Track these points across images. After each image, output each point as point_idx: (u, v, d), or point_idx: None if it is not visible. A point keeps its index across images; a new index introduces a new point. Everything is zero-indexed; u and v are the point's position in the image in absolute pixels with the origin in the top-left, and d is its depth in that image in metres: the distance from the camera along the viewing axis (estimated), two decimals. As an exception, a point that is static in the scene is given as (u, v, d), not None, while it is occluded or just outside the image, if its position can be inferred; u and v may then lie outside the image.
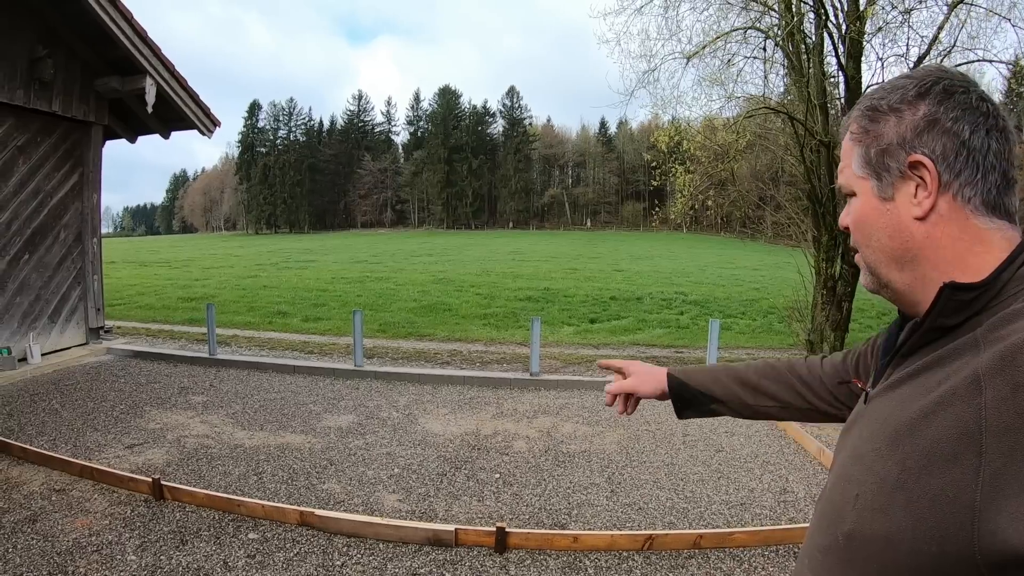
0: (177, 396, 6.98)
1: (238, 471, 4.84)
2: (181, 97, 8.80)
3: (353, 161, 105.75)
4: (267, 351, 10.09)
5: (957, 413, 0.65)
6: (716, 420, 6.61)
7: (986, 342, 0.68)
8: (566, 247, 47.36)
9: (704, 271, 29.20)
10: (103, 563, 3.34)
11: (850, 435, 0.86)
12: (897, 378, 0.79)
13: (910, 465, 0.67)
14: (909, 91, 0.80)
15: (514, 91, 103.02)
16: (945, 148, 0.76)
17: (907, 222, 0.79)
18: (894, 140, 0.79)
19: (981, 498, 0.59)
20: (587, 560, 3.63)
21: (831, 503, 0.81)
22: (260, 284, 19.60)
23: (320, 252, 38.54)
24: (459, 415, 6.59)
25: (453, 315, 15.27)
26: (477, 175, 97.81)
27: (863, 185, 0.84)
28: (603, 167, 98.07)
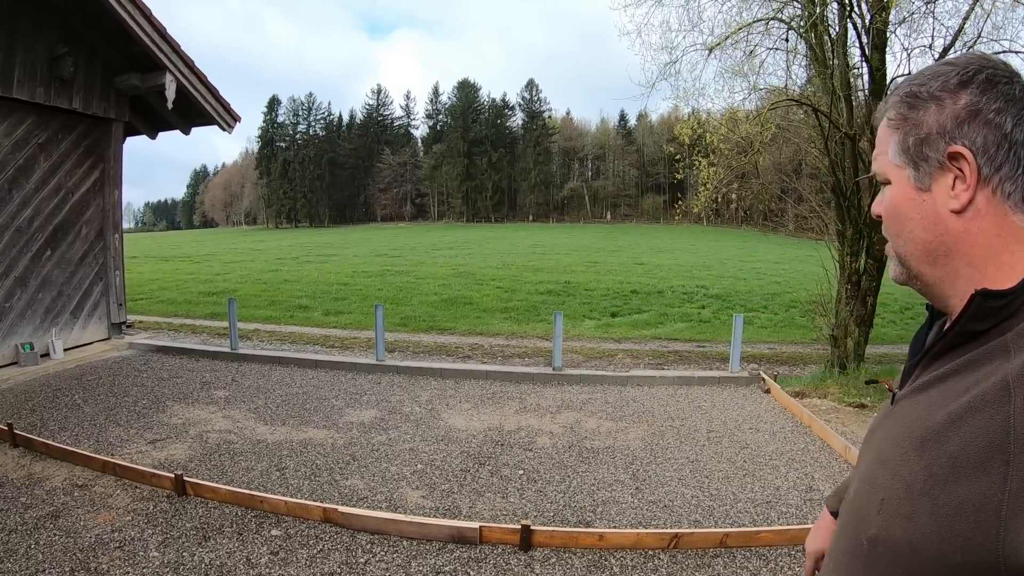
0: (199, 391, 7.05)
1: (260, 467, 4.88)
2: (201, 93, 8.85)
3: (373, 155, 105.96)
4: (288, 345, 10.17)
5: (986, 420, 0.63)
6: (740, 415, 6.56)
7: (1017, 348, 0.66)
8: (587, 240, 47.22)
9: (725, 264, 28.95)
10: (125, 560, 3.38)
11: (876, 436, 0.85)
12: (925, 381, 0.77)
13: (936, 472, 0.66)
14: (951, 79, 0.76)
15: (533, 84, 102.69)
16: (986, 140, 0.73)
17: (943, 215, 0.76)
18: (934, 129, 0.77)
19: (1008, 509, 0.58)
20: (612, 559, 3.61)
21: (856, 507, 0.80)
22: (281, 278, 19.75)
23: (340, 246, 38.75)
24: (482, 410, 6.59)
25: (474, 309, 15.29)
26: (497, 168, 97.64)
27: (899, 173, 0.81)
28: (623, 160, 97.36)
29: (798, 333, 13.52)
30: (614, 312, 15.58)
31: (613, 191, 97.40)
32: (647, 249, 39.04)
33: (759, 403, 7.07)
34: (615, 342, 12.03)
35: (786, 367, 9.68)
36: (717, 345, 12.04)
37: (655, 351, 11.19)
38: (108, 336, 9.37)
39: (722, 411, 6.72)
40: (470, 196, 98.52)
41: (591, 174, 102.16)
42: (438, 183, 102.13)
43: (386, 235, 57.92)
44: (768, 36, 8.28)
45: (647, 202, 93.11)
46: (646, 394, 7.41)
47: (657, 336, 12.85)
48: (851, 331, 8.18)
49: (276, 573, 3.28)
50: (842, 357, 8.24)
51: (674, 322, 14.44)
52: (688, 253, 36.51)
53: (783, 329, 13.82)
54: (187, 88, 8.59)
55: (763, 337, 12.71)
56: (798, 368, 9.83)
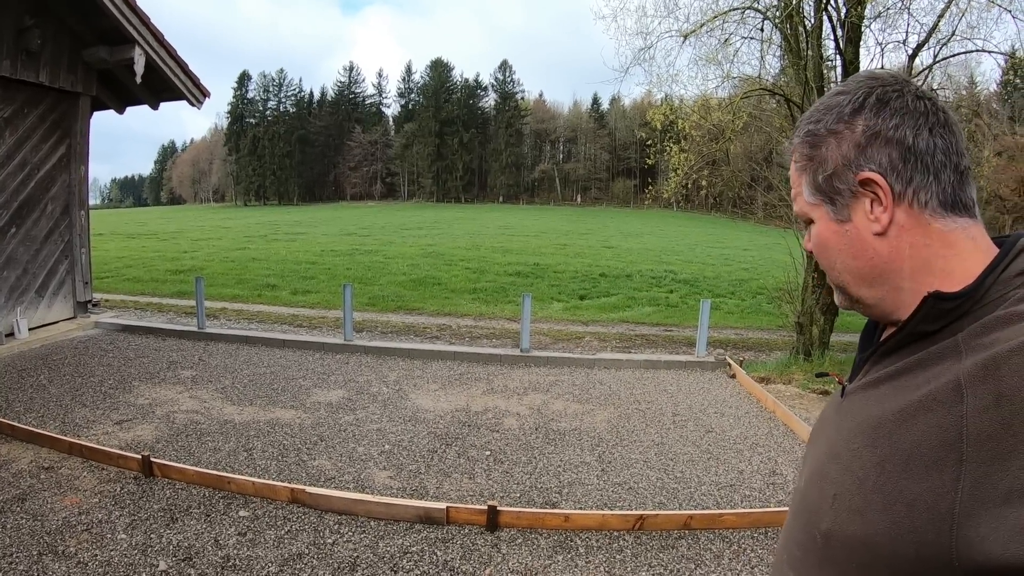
0: (166, 371, 6.91)
1: (228, 447, 4.81)
2: (170, 67, 8.59)
3: (343, 133, 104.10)
4: (256, 324, 10.03)
5: (938, 419, 0.64)
6: (705, 399, 6.66)
7: (968, 348, 0.67)
8: (556, 223, 47.27)
9: (694, 250, 29.24)
10: (93, 542, 3.31)
11: (826, 429, 0.85)
12: (875, 377, 0.78)
13: (888, 468, 0.67)
14: (844, 108, 0.78)
15: (507, 65, 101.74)
16: (892, 158, 0.75)
17: (868, 240, 0.78)
18: (839, 162, 0.78)
19: (961, 506, 0.59)
20: (578, 539, 3.64)
21: (808, 499, 0.81)
22: (249, 256, 19.44)
23: (309, 224, 38.25)
24: (449, 391, 6.59)
25: (443, 289, 15.24)
26: (468, 149, 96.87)
27: (818, 211, 0.82)
28: (594, 143, 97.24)
29: (765, 320, 13.75)
30: (582, 295, 15.66)
31: (584, 174, 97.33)
32: (616, 233, 39.24)
33: (724, 388, 7.18)
34: (583, 325, 12.11)
35: (752, 353, 9.84)
36: (684, 330, 12.18)
37: (622, 334, 11.29)
38: (74, 315, 9.11)
39: (688, 395, 6.82)
40: (440, 176, 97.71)
41: (562, 157, 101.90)
42: (409, 163, 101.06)
43: (355, 214, 57.31)
44: (743, 25, 8.32)
45: (617, 186, 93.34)
46: (613, 377, 7.47)
47: (625, 319, 12.96)
48: (816, 319, 8.34)
49: (244, 554, 3.24)
50: (807, 344, 8.40)
51: (642, 306, 14.57)
52: (657, 238, 36.80)
53: (750, 315, 14.04)
54: (156, 62, 8.32)
55: (730, 323, 12.90)
56: (764, 354, 10.00)
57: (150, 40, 8.11)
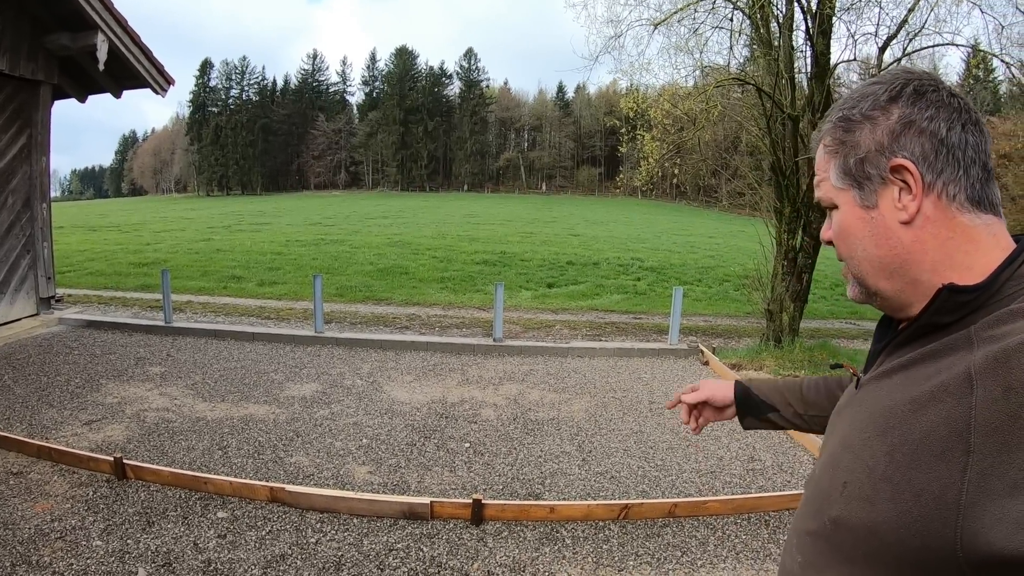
0: (134, 367, 6.65)
1: (202, 446, 4.65)
2: (134, 54, 8.25)
3: (307, 121, 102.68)
4: (223, 317, 9.79)
5: (948, 409, 0.65)
6: (681, 387, 6.68)
7: (980, 340, 0.68)
8: (522, 211, 47.27)
9: (660, 238, 29.49)
10: (68, 550, 3.14)
11: (841, 420, 0.87)
12: (889, 367, 0.79)
13: (898, 457, 0.68)
14: (880, 96, 0.79)
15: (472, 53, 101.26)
16: (924, 148, 0.76)
17: (893, 228, 0.78)
18: (872, 147, 0.79)
19: (967, 497, 0.60)
20: (564, 530, 3.62)
21: (820, 487, 0.82)
22: (213, 248, 18.97)
23: (273, 214, 37.54)
24: (424, 382, 6.50)
25: (410, 279, 15.11)
26: (432, 137, 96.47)
27: (844, 196, 0.83)
28: (559, 131, 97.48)
29: (732, 306, 13.93)
30: (550, 283, 15.68)
31: (549, 162, 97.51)
32: (582, 221, 39.35)
33: (699, 375, 7.24)
34: (552, 313, 12.11)
35: (721, 339, 9.94)
36: (653, 317, 12.27)
37: (592, 322, 11.32)
38: (37, 312, 8.73)
39: (663, 382, 6.85)
40: (405, 165, 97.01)
41: (527, 145, 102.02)
42: (373, 151, 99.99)
43: (320, 203, 56.51)
44: (714, 15, 8.33)
45: (582, 174, 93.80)
46: (587, 365, 7.47)
47: (594, 307, 13.00)
48: (786, 306, 8.44)
49: (225, 557, 3.12)
50: (777, 331, 8.51)
51: (610, 293, 14.64)
52: (623, 225, 37.02)
53: (718, 302, 14.21)
54: (120, 49, 7.98)
55: (698, 310, 13.03)
56: (733, 341, 10.12)
57: (113, 26, 7.78)
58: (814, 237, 8.28)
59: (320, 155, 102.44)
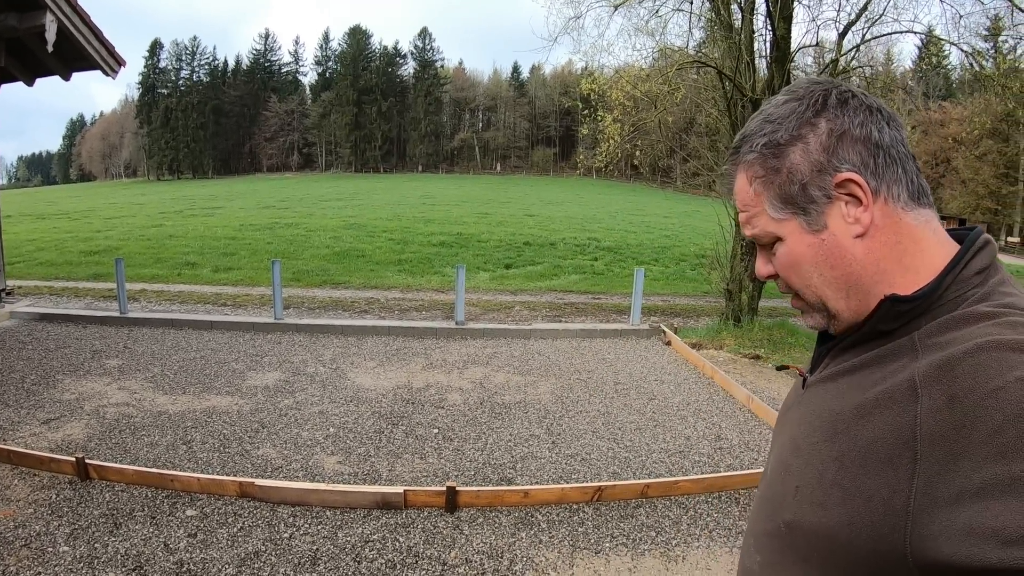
0: (90, 361, 6.36)
1: (165, 441, 4.47)
2: (84, 34, 7.78)
3: (259, 103, 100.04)
4: (178, 305, 9.48)
5: (894, 417, 0.65)
6: (644, 367, 6.76)
7: (924, 347, 0.68)
8: (476, 192, 47.07)
9: (615, 217, 29.71)
10: (34, 558, 2.97)
11: (789, 420, 0.86)
12: (835, 371, 0.79)
13: (846, 463, 0.68)
14: (804, 112, 0.76)
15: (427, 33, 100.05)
16: (863, 156, 0.74)
17: (847, 244, 0.75)
18: (810, 168, 0.75)
19: (915, 504, 0.60)
20: (539, 515, 3.61)
21: (773, 489, 0.82)
22: (166, 234, 18.34)
23: (226, 198, 36.51)
24: (388, 368, 6.41)
25: (367, 261, 14.92)
26: (386, 118, 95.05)
27: (788, 226, 0.78)
28: (514, 112, 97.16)
29: (690, 286, 14.14)
30: (508, 264, 15.67)
31: (504, 143, 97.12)
32: (537, 201, 39.40)
33: (661, 355, 7.32)
34: (511, 294, 12.10)
35: (680, 319, 10.08)
36: (612, 297, 12.36)
37: (552, 303, 11.34)
38: (-13, 306, 8.29)
39: (626, 363, 6.90)
40: (359, 146, 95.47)
41: (482, 125, 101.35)
42: (326, 132, 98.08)
43: (273, 186, 55.27)
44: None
45: (537, 154, 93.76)
46: (550, 347, 7.48)
47: (553, 288, 13.04)
48: (745, 286, 8.58)
49: (198, 557, 3.00)
50: (736, 310, 8.66)
51: (568, 274, 14.70)
52: (578, 206, 37.17)
53: (675, 282, 14.40)
54: (69, 29, 7.50)
55: (656, 290, 13.17)
56: (692, 320, 10.27)
57: (62, 5, 7.31)
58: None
59: (272, 137, 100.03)
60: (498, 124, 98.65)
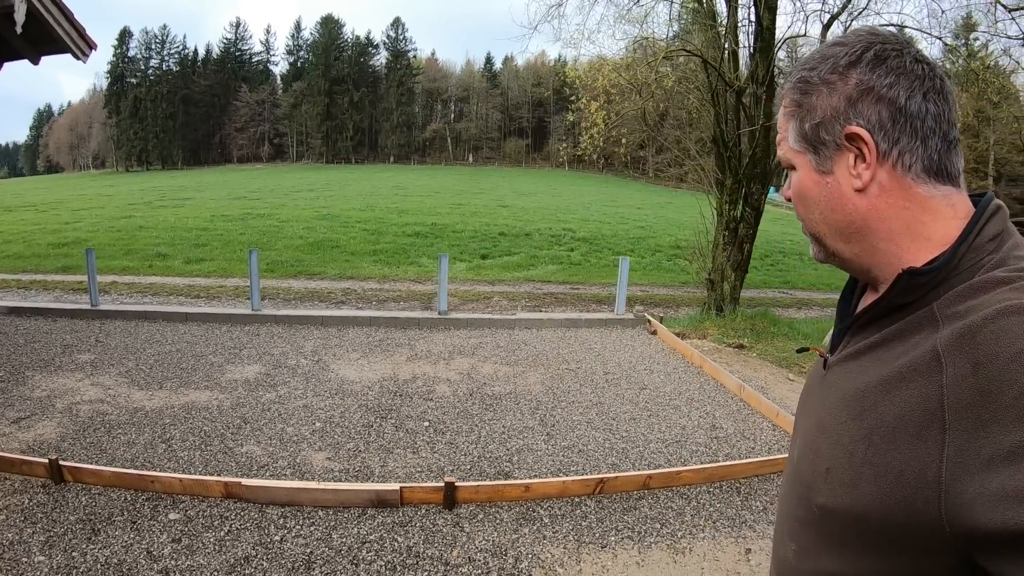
0: (61, 356, 6.02)
1: (143, 439, 4.21)
2: (53, 15, 7.37)
3: (229, 92, 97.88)
4: (151, 297, 9.16)
5: (919, 389, 0.65)
6: (632, 356, 6.67)
7: (944, 317, 0.68)
8: (449, 182, 46.78)
9: (589, 208, 29.70)
10: (8, 570, 2.74)
11: (812, 402, 0.86)
12: (856, 349, 0.78)
13: (875, 440, 0.67)
14: (840, 60, 0.76)
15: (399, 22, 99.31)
16: (881, 116, 0.73)
17: (848, 195, 0.77)
18: (828, 112, 0.77)
19: (947, 474, 0.59)
20: (540, 509, 3.49)
21: (801, 474, 0.81)
22: (136, 225, 17.75)
23: (196, 189, 35.63)
24: (372, 359, 6.23)
25: (342, 252, 14.68)
26: (358, 108, 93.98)
27: (801, 159, 0.81)
28: (487, 103, 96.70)
29: (667, 276, 14.14)
30: (484, 254, 15.55)
31: (476, 134, 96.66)
32: (510, 192, 39.27)
33: (648, 344, 7.24)
34: (489, 284, 11.98)
35: (660, 308, 10.04)
36: (591, 287, 12.30)
37: (531, 293, 11.25)
38: (-46, 301, 7.83)
39: (614, 352, 6.81)
40: (330, 136, 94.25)
41: (454, 116, 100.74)
42: (297, 123, 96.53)
43: (243, 177, 54.26)
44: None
45: (509, 145, 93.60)
46: (535, 337, 7.36)
47: (531, 278, 12.95)
48: (727, 275, 8.55)
49: (184, 564, 2.80)
50: (719, 300, 8.62)
51: (545, 264, 14.62)
52: (551, 196, 37.11)
53: (652, 272, 14.40)
54: (39, 9, 7.10)
55: (634, 280, 13.11)
56: (671, 310, 10.25)
57: None
58: (756, 208, 8.40)
59: (243, 127, 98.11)
60: (470, 115, 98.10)
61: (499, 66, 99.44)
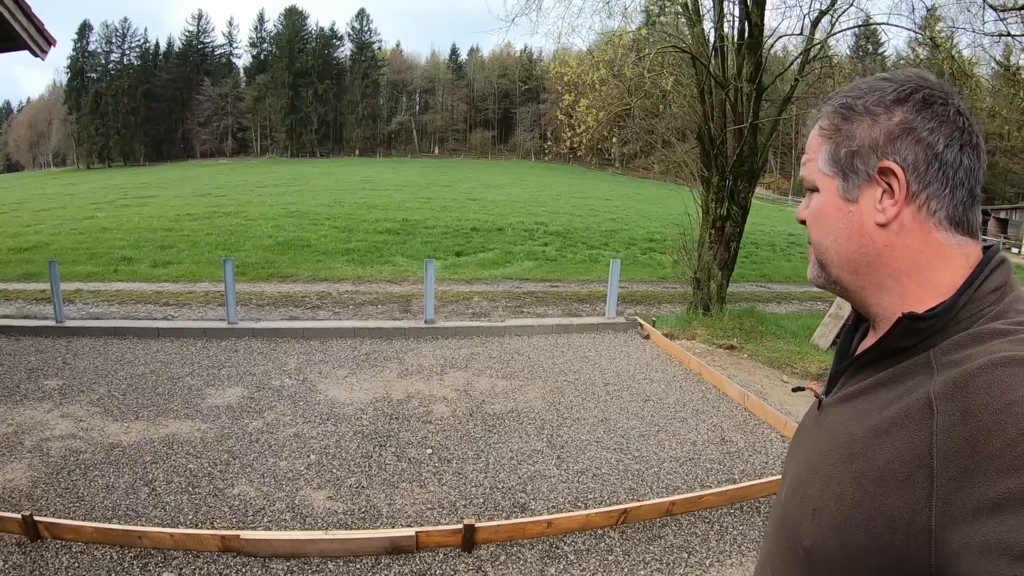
0: (26, 382, 5.54)
1: (123, 483, 3.84)
2: (10, 10, 6.91)
3: (192, 86, 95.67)
4: (118, 306, 8.67)
5: (910, 436, 0.64)
6: (629, 364, 6.51)
7: (939, 365, 0.67)
8: (416, 175, 46.32)
9: (558, 201, 29.62)
10: None
11: (804, 441, 0.86)
12: (851, 391, 0.78)
13: (864, 484, 0.67)
14: (888, 95, 0.76)
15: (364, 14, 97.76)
16: (917, 158, 0.73)
17: (868, 227, 0.76)
18: (866, 142, 0.76)
19: (936, 522, 0.59)
20: (564, 545, 3.30)
21: (788, 514, 0.81)
22: (99, 226, 16.96)
23: (159, 186, 34.52)
24: (361, 376, 5.94)
25: (313, 251, 14.30)
26: (323, 101, 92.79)
27: (828, 182, 0.81)
28: (452, 94, 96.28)
29: (643, 271, 14.05)
30: (458, 251, 15.32)
31: (442, 125, 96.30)
32: (478, 184, 39.03)
33: (642, 350, 7.09)
34: (467, 283, 11.74)
35: (641, 307, 9.92)
36: (569, 284, 12.14)
37: (510, 292, 11.04)
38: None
39: (610, 360, 6.65)
40: (295, 130, 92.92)
41: (419, 108, 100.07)
42: (261, 116, 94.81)
43: (207, 172, 52.96)
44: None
45: (475, 137, 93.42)
46: (528, 345, 7.16)
47: (508, 276, 12.74)
48: (714, 274, 8.45)
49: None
50: (705, 299, 8.52)
51: (521, 261, 14.44)
52: (520, 189, 36.97)
53: (629, 267, 14.28)
54: None
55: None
56: (653, 307, 10.13)
57: None
58: (742, 206, 8.30)
59: (206, 121, 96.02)
60: (436, 107, 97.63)
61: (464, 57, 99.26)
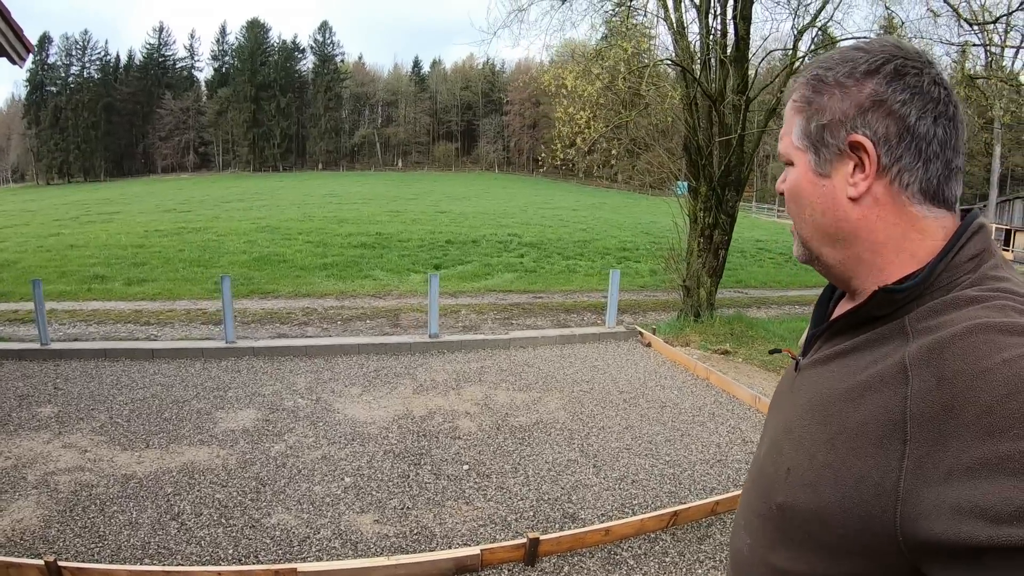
0: (19, 410, 5.25)
1: (147, 518, 3.58)
2: None
3: (153, 100, 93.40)
4: (96, 326, 8.40)
5: (884, 399, 0.66)
6: (637, 372, 6.61)
7: (914, 331, 0.68)
8: (381, 188, 46.10)
9: (526, 211, 29.78)
10: None
11: (782, 402, 0.88)
12: (827, 354, 0.80)
13: (838, 445, 0.68)
14: (859, 66, 0.75)
15: (327, 26, 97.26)
16: (888, 131, 0.73)
17: (841, 201, 0.77)
18: (836, 115, 0.76)
19: (904, 484, 0.60)
20: (622, 551, 3.37)
21: (764, 472, 0.82)
22: (66, 243, 16.36)
23: (122, 202, 33.53)
24: (376, 394, 5.88)
25: (290, 267, 14.11)
26: (285, 114, 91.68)
27: (801, 156, 0.81)
28: (415, 107, 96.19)
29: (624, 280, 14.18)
30: (436, 264, 15.29)
31: (405, 138, 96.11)
32: (444, 197, 39.04)
33: (647, 357, 7.21)
34: (451, 296, 11.72)
35: (628, 315, 10.05)
36: (553, 295, 12.23)
37: (495, 304, 11.07)
38: None
39: (620, 369, 6.74)
40: (257, 144, 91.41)
41: (382, 121, 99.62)
42: (223, 130, 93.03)
43: (169, 187, 51.66)
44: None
45: (439, 149, 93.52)
46: (535, 356, 7.21)
47: (491, 288, 12.78)
48: (703, 282, 8.64)
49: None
50: (696, 306, 8.70)
51: (501, 273, 14.49)
52: (486, 200, 37.08)
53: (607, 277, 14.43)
54: None
55: (593, 285, 13.17)
56: (641, 315, 10.27)
57: None
58: (730, 215, 8.49)
59: (167, 136, 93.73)
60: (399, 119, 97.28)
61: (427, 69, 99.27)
